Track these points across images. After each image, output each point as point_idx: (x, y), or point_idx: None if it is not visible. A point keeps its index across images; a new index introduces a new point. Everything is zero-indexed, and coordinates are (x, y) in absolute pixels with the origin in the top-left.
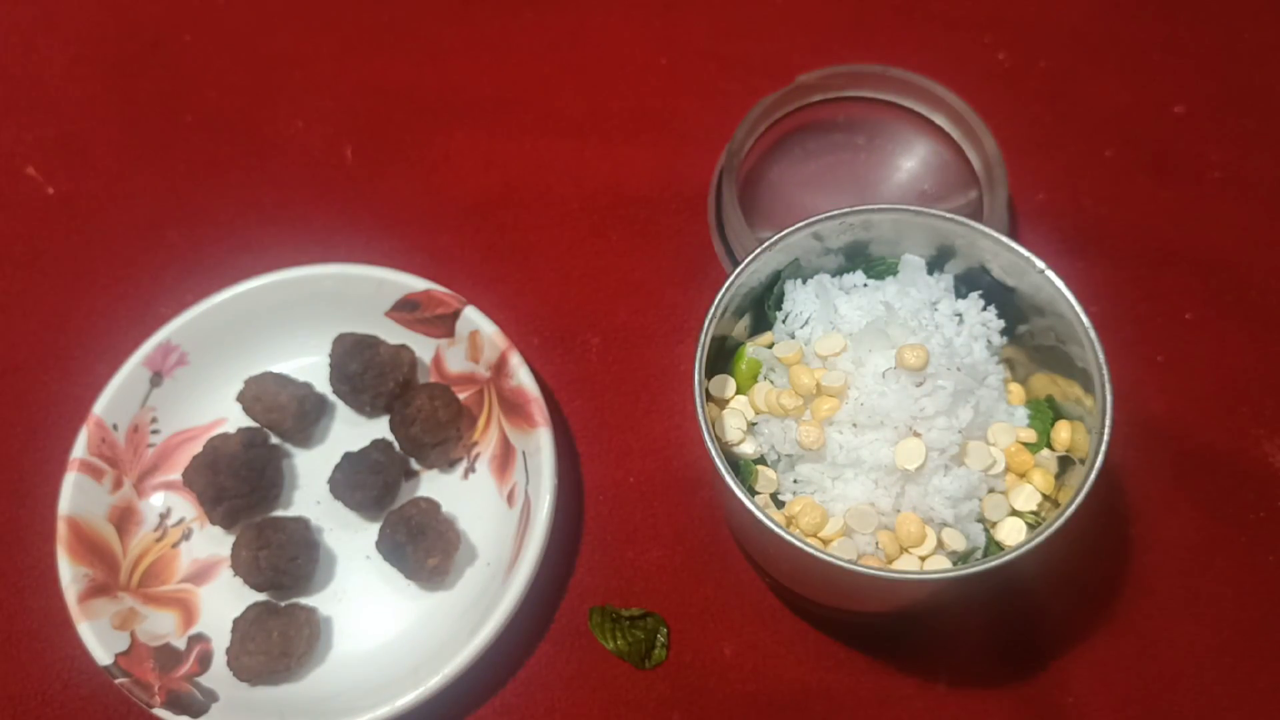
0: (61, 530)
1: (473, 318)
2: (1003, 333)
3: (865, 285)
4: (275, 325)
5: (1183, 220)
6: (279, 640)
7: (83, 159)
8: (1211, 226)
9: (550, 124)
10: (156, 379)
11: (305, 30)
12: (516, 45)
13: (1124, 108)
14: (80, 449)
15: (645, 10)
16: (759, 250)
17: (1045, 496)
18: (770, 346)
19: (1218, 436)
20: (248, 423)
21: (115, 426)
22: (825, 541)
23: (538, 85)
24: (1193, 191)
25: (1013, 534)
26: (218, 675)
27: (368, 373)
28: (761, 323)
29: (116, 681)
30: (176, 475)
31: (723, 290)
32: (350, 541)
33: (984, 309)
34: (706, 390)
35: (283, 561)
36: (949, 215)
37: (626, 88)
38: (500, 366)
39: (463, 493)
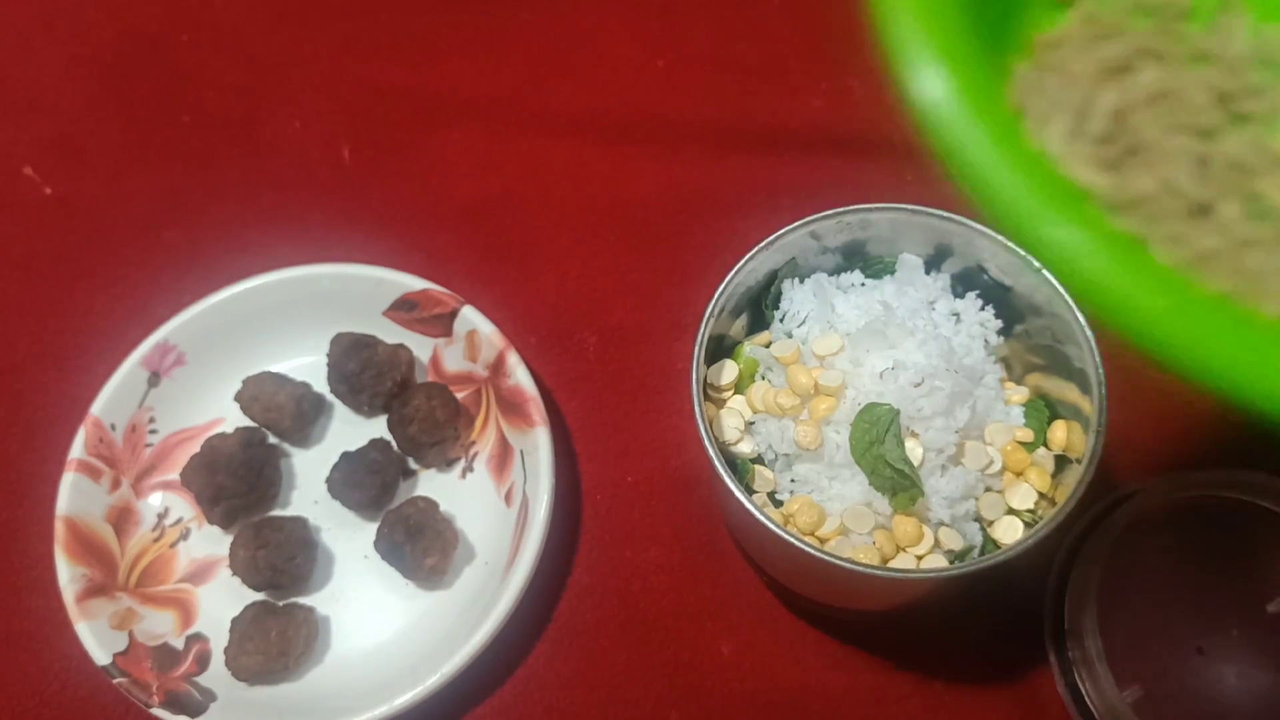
0: (59, 530)
1: (470, 317)
2: (1000, 332)
3: (863, 284)
4: (273, 325)
5: None
6: (277, 640)
7: (80, 159)
8: None
9: (548, 125)
10: (154, 379)
11: (303, 31)
12: (514, 46)
13: None
14: (78, 449)
15: (642, 12)
16: (756, 249)
17: (1041, 495)
18: (768, 346)
19: (1218, 440)
20: (246, 422)
21: (113, 426)
22: (822, 540)
23: (535, 86)
24: None
25: (1009, 532)
26: (216, 675)
27: (365, 372)
28: (759, 322)
29: (114, 681)
30: (174, 475)
31: (720, 289)
32: (348, 541)
33: (981, 308)
34: (705, 385)
35: (281, 561)
36: (946, 214)
37: (624, 89)
38: (498, 366)
39: (460, 492)
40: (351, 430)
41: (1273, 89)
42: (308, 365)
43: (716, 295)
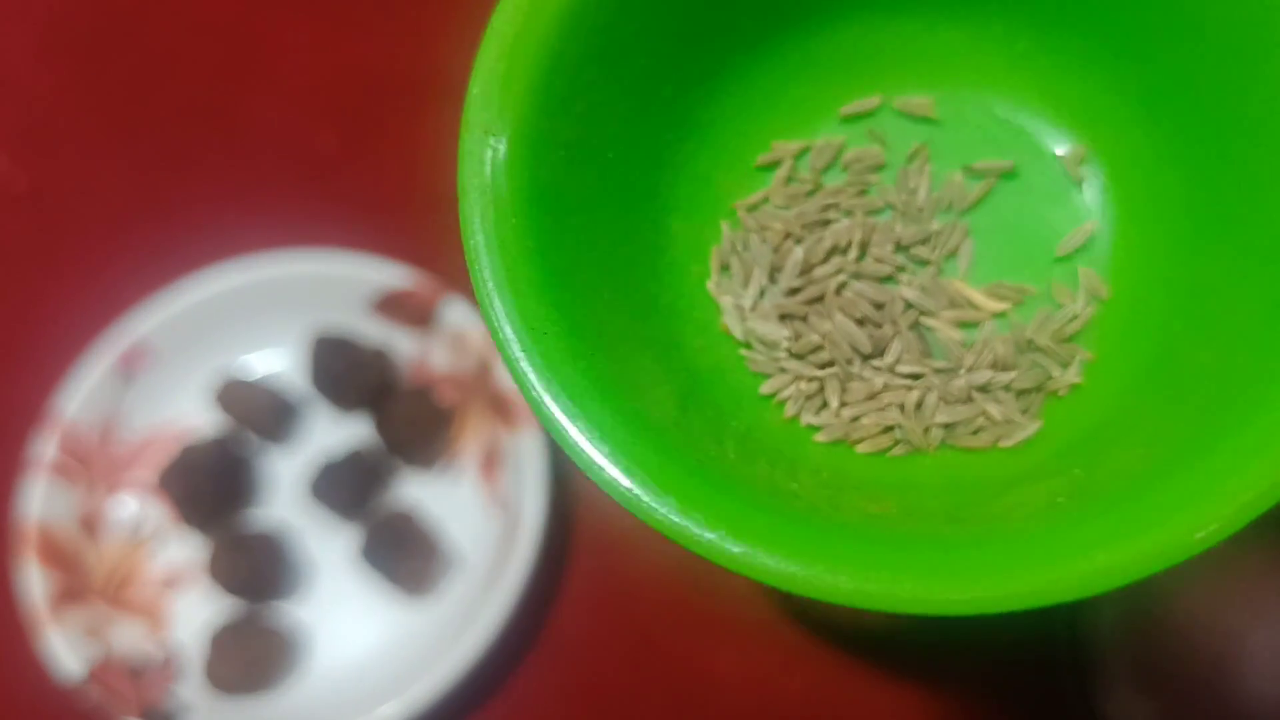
0: (29, 535)
1: (457, 315)
2: None
3: None
4: (252, 321)
5: None
6: (256, 649)
7: (53, 148)
8: None
9: None
10: (129, 377)
11: (282, 12)
12: None
13: None
14: (48, 451)
15: None
16: None
17: None
18: None
19: None
20: (224, 423)
21: (85, 427)
22: None
23: None
24: None
25: None
26: (192, 685)
27: (349, 372)
28: None
29: (87, 692)
30: (149, 477)
31: None
32: (330, 547)
33: None
34: None
35: (260, 567)
36: None
37: None
38: (486, 365)
39: (447, 496)
40: (334, 431)
41: (948, 234)
42: (289, 364)
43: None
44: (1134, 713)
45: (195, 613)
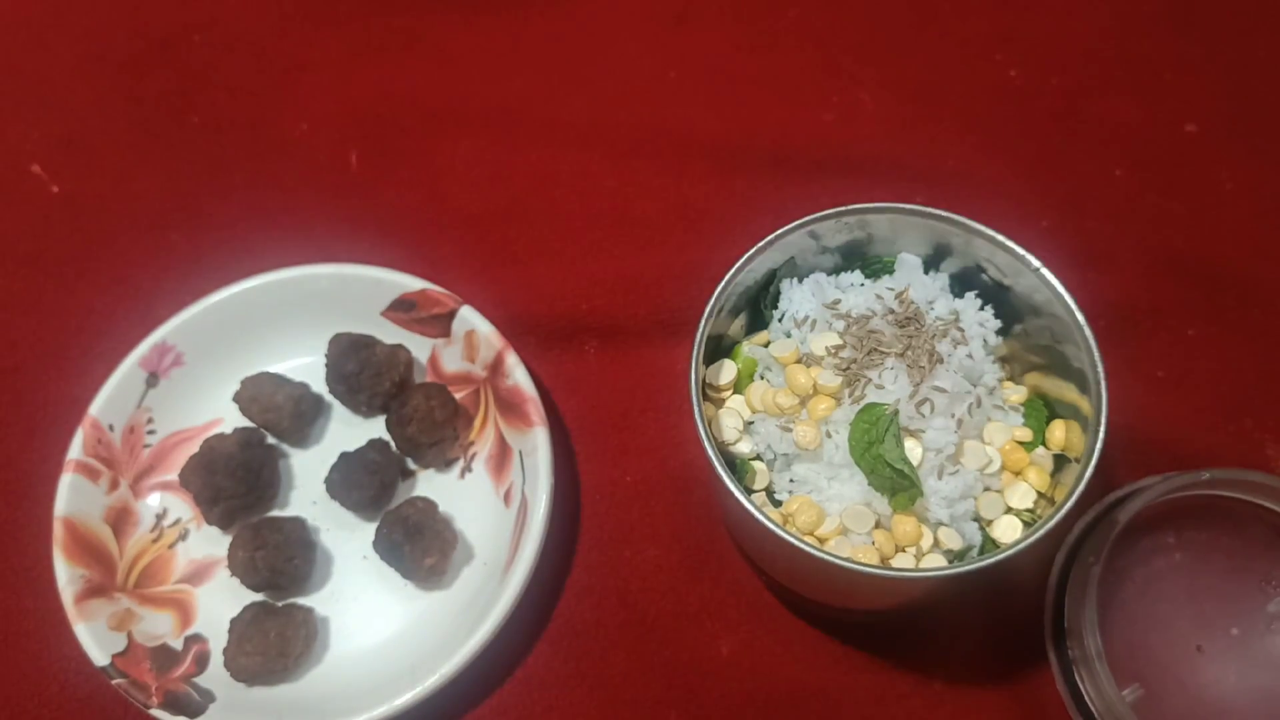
0: (58, 531)
1: (469, 317)
2: (999, 332)
3: (862, 285)
4: (271, 325)
5: (1191, 237)
6: (276, 640)
7: (88, 158)
8: (1220, 244)
9: (557, 136)
10: (153, 379)
11: (314, 35)
12: (524, 55)
13: (1135, 126)
14: (76, 450)
15: (655, 23)
16: (756, 248)
17: (1040, 494)
18: (766, 345)
19: (1217, 440)
20: (244, 423)
21: (111, 427)
22: (821, 540)
23: (545, 96)
24: (1202, 210)
25: (1008, 532)
26: (215, 676)
27: (364, 372)
28: (758, 322)
29: (113, 682)
30: (173, 476)
31: (719, 289)
32: (347, 541)
33: (980, 308)
34: (704, 384)
35: (279, 562)
36: (945, 214)
37: (634, 101)
38: (496, 366)
39: (459, 492)
40: (350, 430)
41: None
42: (306, 365)
43: (715, 295)
44: (1114, 698)
45: (217, 605)
